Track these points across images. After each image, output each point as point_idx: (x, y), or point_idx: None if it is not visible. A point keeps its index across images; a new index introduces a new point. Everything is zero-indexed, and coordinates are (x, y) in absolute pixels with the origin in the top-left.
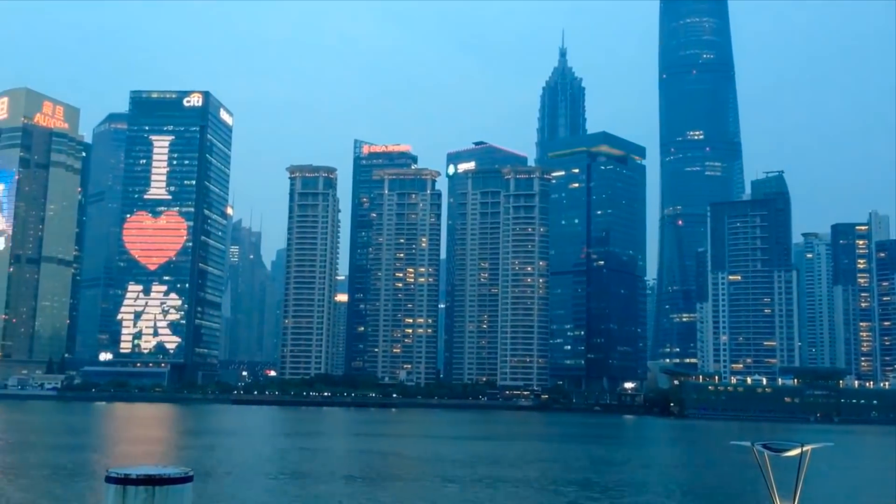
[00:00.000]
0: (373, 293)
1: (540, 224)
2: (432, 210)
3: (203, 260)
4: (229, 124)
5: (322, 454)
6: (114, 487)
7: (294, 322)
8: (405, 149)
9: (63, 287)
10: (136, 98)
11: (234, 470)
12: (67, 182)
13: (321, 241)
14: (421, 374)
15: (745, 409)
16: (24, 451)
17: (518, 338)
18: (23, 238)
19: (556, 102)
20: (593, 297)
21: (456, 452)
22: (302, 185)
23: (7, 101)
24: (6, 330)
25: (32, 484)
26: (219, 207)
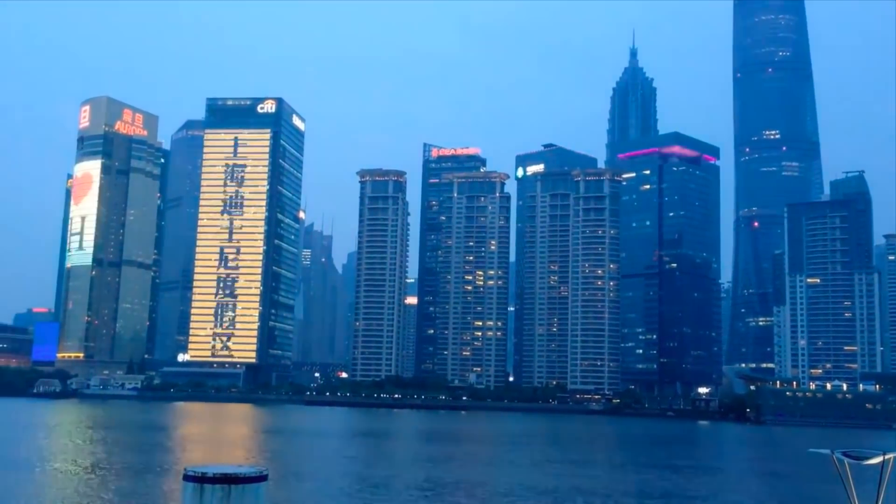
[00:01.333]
0: (442, 296)
1: (610, 226)
2: (501, 213)
3: (276, 263)
4: (301, 130)
5: (393, 456)
6: (191, 485)
7: (365, 324)
8: (474, 152)
9: (143, 290)
10: (212, 105)
11: (307, 470)
12: (147, 188)
13: (391, 244)
14: (490, 376)
15: (825, 415)
16: (106, 450)
17: (589, 341)
18: (104, 242)
19: (627, 103)
20: (666, 300)
21: (526, 456)
22: (372, 188)
23: (89, 109)
24: (89, 331)
25: (114, 481)
26: (291, 212)
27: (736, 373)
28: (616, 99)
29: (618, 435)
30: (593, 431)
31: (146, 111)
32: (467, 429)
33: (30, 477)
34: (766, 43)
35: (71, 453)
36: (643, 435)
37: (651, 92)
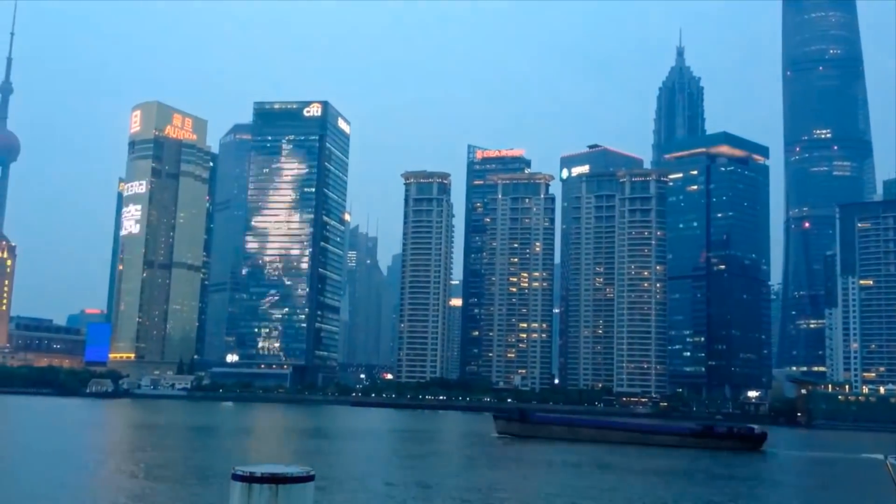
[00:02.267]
0: (487, 298)
1: (657, 227)
2: (546, 214)
3: (322, 265)
4: (347, 133)
5: (439, 458)
6: (240, 485)
7: (409, 326)
8: (518, 153)
9: (192, 291)
10: (260, 109)
11: (352, 471)
12: (196, 191)
13: (435, 245)
14: (535, 379)
15: (878, 419)
16: (156, 450)
17: (635, 343)
18: (155, 244)
19: (674, 103)
20: (714, 302)
21: (574, 458)
22: (417, 190)
23: (140, 114)
24: (140, 332)
25: (163, 481)
26: (337, 214)
27: (786, 376)
28: (662, 99)
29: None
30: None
31: (195, 115)
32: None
33: (84, 477)
34: (816, 40)
35: (123, 453)
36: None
37: (698, 91)
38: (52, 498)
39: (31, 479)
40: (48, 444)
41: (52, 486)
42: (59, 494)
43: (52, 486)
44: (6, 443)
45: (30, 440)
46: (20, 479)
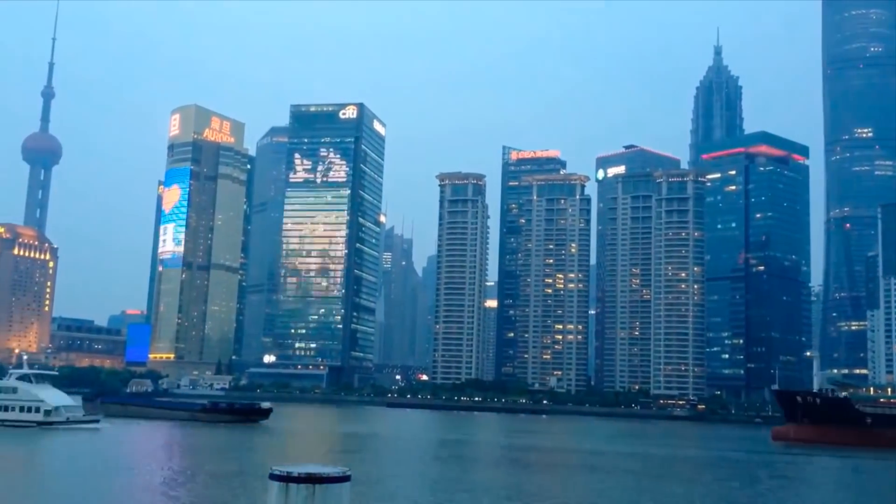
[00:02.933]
0: (522, 299)
1: (694, 228)
2: (581, 215)
3: (358, 266)
4: (382, 134)
5: (475, 460)
6: (277, 485)
7: (445, 327)
8: (553, 154)
9: (230, 292)
10: (296, 112)
11: (388, 472)
12: (234, 193)
13: (471, 247)
14: (571, 380)
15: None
16: (196, 450)
17: (672, 345)
18: (194, 246)
19: (711, 102)
20: (753, 303)
21: (620, 462)
22: (452, 192)
23: (179, 117)
24: (179, 333)
25: (202, 480)
26: (372, 215)
27: (827, 379)
28: (700, 98)
29: (707, 442)
30: (685, 433)
31: (233, 118)
32: (549, 433)
33: (125, 478)
34: (856, 38)
35: (163, 453)
36: (731, 445)
37: (736, 90)
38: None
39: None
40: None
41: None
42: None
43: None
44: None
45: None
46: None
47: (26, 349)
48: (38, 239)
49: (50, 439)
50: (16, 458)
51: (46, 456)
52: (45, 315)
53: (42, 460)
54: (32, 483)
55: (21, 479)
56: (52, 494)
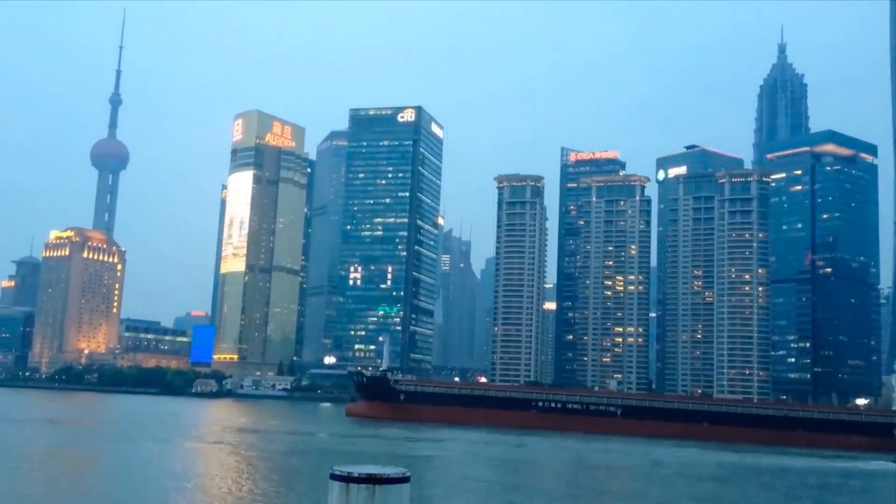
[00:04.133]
0: (581, 301)
1: (758, 230)
2: (642, 216)
3: (416, 269)
4: (440, 137)
5: (532, 461)
6: (338, 485)
7: (503, 329)
8: (613, 155)
9: (291, 294)
10: (355, 116)
11: (446, 473)
12: (295, 197)
13: (529, 249)
14: (632, 383)
15: None
16: (258, 451)
17: (736, 349)
18: (256, 249)
19: (775, 101)
20: (819, 306)
21: (679, 466)
22: (510, 193)
23: (242, 122)
24: (242, 334)
25: (264, 480)
26: (430, 218)
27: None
28: (763, 97)
29: (770, 446)
30: (747, 445)
31: (294, 123)
32: (609, 435)
33: (190, 477)
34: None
35: (226, 453)
36: (796, 450)
37: (801, 89)
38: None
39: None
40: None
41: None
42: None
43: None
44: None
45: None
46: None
47: (95, 350)
48: (107, 242)
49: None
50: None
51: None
52: (113, 316)
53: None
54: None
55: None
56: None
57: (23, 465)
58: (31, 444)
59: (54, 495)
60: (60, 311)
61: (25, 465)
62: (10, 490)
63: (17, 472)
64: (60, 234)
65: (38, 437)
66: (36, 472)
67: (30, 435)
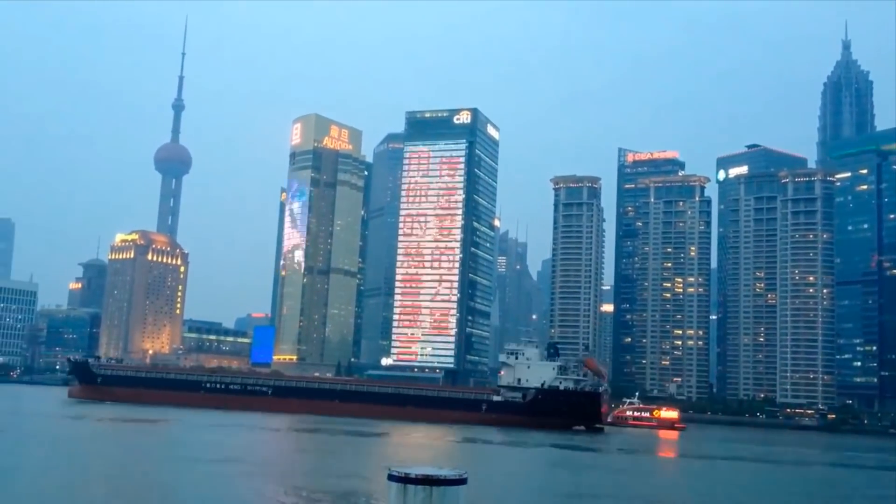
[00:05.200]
0: (639, 303)
1: (823, 230)
2: (701, 217)
3: (473, 271)
4: (496, 139)
5: (591, 467)
6: (395, 486)
7: (560, 332)
8: (672, 155)
9: (349, 296)
10: (411, 118)
11: (503, 476)
12: (352, 199)
13: (586, 251)
14: (692, 387)
15: None
16: (317, 451)
17: (800, 352)
18: (314, 251)
19: (840, 98)
20: (887, 308)
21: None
22: (566, 195)
23: (300, 126)
24: (301, 335)
25: (322, 480)
26: (486, 220)
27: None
28: (827, 94)
29: (842, 454)
30: (819, 444)
31: (351, 126)
32: (668, 439)
33: (249, 477)
34: None
35: (285, 454)
36: (866, 458)
37: (867, 86)
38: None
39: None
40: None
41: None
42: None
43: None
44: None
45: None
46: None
47: (159, 350)
48: (170, 245)
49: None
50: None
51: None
52: (176, 317)
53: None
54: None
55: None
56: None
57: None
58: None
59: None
60: (126, 312)
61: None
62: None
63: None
64: (126, 236)
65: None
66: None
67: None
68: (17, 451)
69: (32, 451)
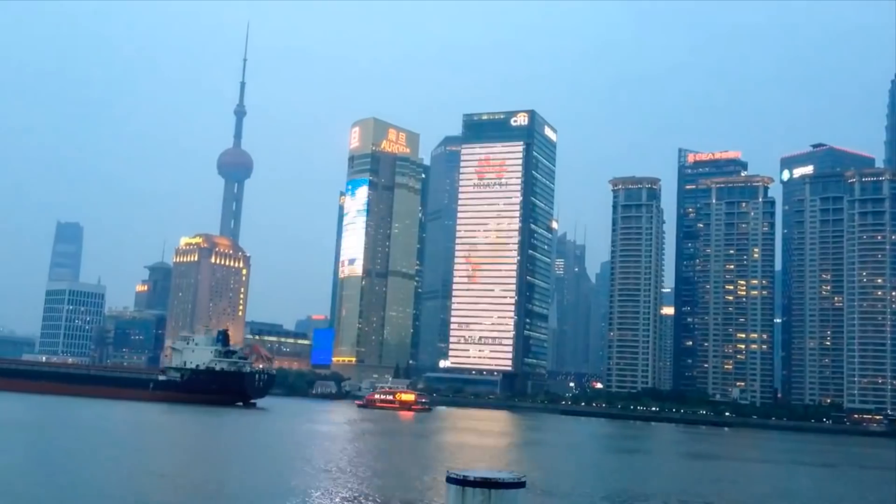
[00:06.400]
0: (701, 306)
1: (892, 231)
2: (765, 218)
3: (530, 273)
4: (553, 140)
5: (654, 471)
6: (454, 488)
7: (619, 335)
8: (734, 155)
9: (407, 299)
10: (468, 121)
11: (562, 480)
12: (409, 202)
13: (645, 253)
14: (756, 392)
15: None
16: (378, 452)
17: (868, 356)
18: (372, 254)
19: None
20: None
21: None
22: (625, 196)
23: (358, 130)
24: (360, 337)
25: (382, 480)
26: (544, 221)
27: None
28: (895, 92)
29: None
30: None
31: (408, 129)
32: (734, 445)
33: (311, 476)
34: None
35: (348, 454)
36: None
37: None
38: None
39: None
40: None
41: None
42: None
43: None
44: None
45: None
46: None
47: None
48: (233, 248)
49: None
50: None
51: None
52: (239, 319)
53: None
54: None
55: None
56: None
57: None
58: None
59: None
60: (190, 313)
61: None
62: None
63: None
64: (190, 240)
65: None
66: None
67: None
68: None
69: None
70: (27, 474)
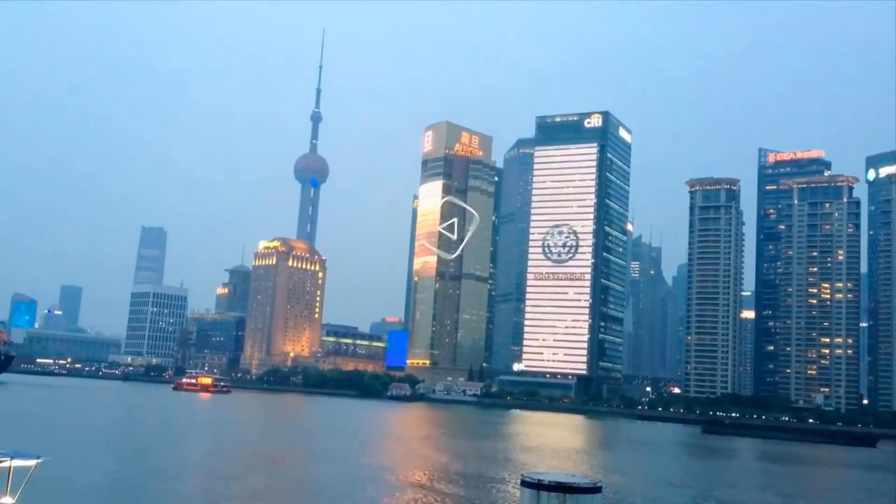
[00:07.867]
0: (783, 310)
1: None
2: (849, 219)
3: (605, 276)
4: (628, 142)
5: (737, 480)
6: (528, 491)
7: (697, 339)
8: (817, 154)
9: (480, 301)
10: (541, 123)
11: (640, 487)
12: (483, 205)
13: (724, 255)
14: (840, 398)
15: None
16: (451, 453)
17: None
18: (446, 257)
19: None
20: None
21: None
22: (702, 198)
23: (432, 134)
24: (434, 340)
25: (455, 482)
26: (619, 224)
27: None
28: None
29: None
30: None
31: (481, 132)
32: (813, 451)
33: (382, 478)
34: None
35: (420, 456)
36: None
37: None
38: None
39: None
40: None
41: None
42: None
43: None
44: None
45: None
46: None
47: (299, 353)
48: (309, 252)
49: None
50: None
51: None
52: (315, 322)
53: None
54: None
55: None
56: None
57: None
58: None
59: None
60: (268, 316)
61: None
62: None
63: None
64: (268, 244)
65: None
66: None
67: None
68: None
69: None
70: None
